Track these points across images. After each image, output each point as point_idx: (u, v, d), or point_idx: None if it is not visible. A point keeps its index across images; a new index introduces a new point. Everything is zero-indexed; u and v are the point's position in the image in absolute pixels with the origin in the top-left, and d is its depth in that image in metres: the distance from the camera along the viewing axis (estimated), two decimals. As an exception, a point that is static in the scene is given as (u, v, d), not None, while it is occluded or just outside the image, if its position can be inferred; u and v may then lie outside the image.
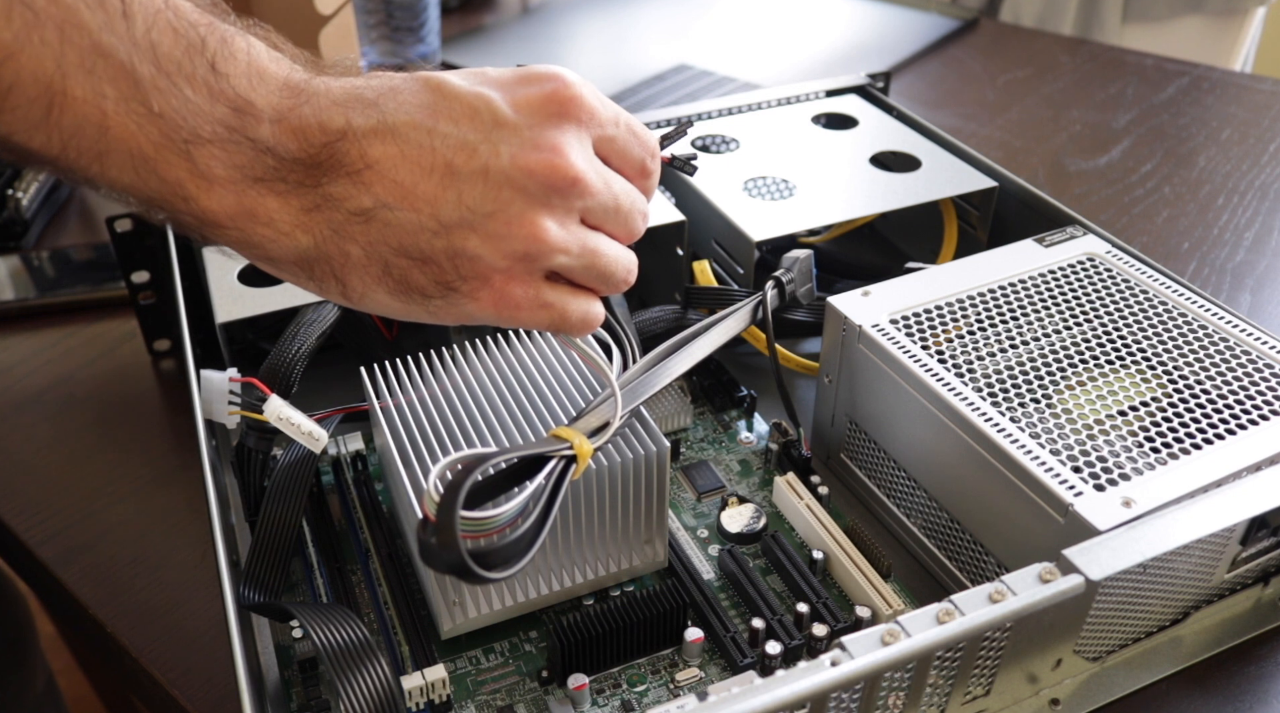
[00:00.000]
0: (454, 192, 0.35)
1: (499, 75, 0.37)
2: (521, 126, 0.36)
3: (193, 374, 0.47)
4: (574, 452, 0.39)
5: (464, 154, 0.35)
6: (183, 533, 0.53)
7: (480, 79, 0.37)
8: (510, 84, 0.37)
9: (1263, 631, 0.46)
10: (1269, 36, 1.51)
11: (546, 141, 0.36)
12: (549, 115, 0.36)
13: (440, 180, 0.35)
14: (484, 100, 0.36)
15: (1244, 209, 0.82)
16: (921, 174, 0.64)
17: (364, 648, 0.39)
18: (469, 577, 0.34)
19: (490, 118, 0.36)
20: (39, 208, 0.80)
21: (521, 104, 0.36)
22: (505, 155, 0.35)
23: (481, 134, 0.36)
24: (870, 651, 0.35)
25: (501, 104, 0.36)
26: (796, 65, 1.08)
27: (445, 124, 0.35)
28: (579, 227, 0.38)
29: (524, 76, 0.37)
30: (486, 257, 0.36)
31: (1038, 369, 0.48)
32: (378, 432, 0.49)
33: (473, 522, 0.35)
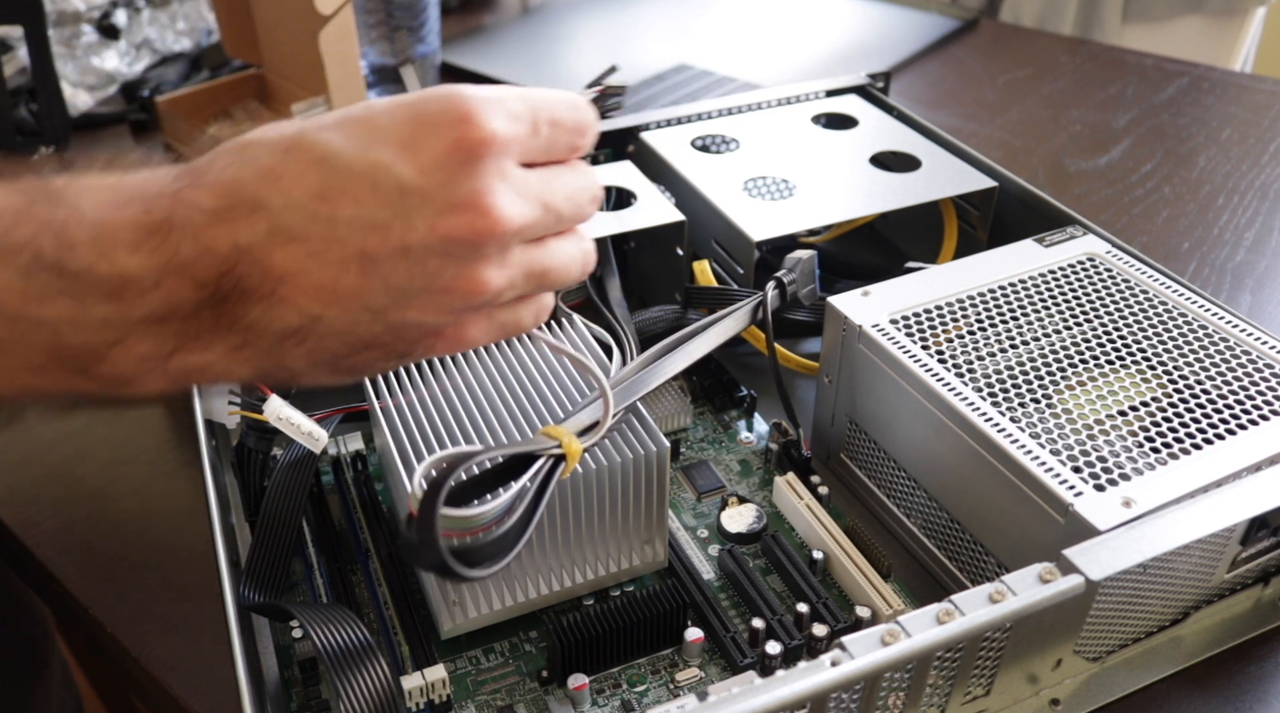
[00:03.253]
0: (378, 278, 0.32)
1: (388, 121, 0.32)
2: (430, 188, 0.31)
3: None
4: (563, 451, 0.39)
5: (376, 236, 0.31)
6: (183, 533, 0.53)
7: (367, 133, 0.32)
8: (405, 135, 0.31)
9: (1263, 631, 0.46)
10: (1269, 36, 1.51)
11: (463, 197, 0.31)
12: (458, 165, 0.31)
13: (359, 270, 0.32)
14: (381, 169, 0.31)
15: (1244, 209, 0.82)
16: (921, 174, 0.64)
17: (364, 648, 0.39)
18: (450, 575, 0.34)
19: (394, 188, 0.31)
20: (39, 208, 0.80)
21: (426, 163, 0.31)
22: (421, 227, 0.31)
23: (389, 209, 0.31)
24: (870, 651, 0.35)
25: (402, 169, 0.31)
26: (796, 65, 1.08)
27: (345, 207, 0.31)
28: (521, 254, 0.35)
29: (418, 120, 0.32)
30: (431, 320, 0.34)
31: (1038, 369, 0.48)
32: (378, 432, 0.49)
33: (456, 520, 0.35)
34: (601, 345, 0.50)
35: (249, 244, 0.31)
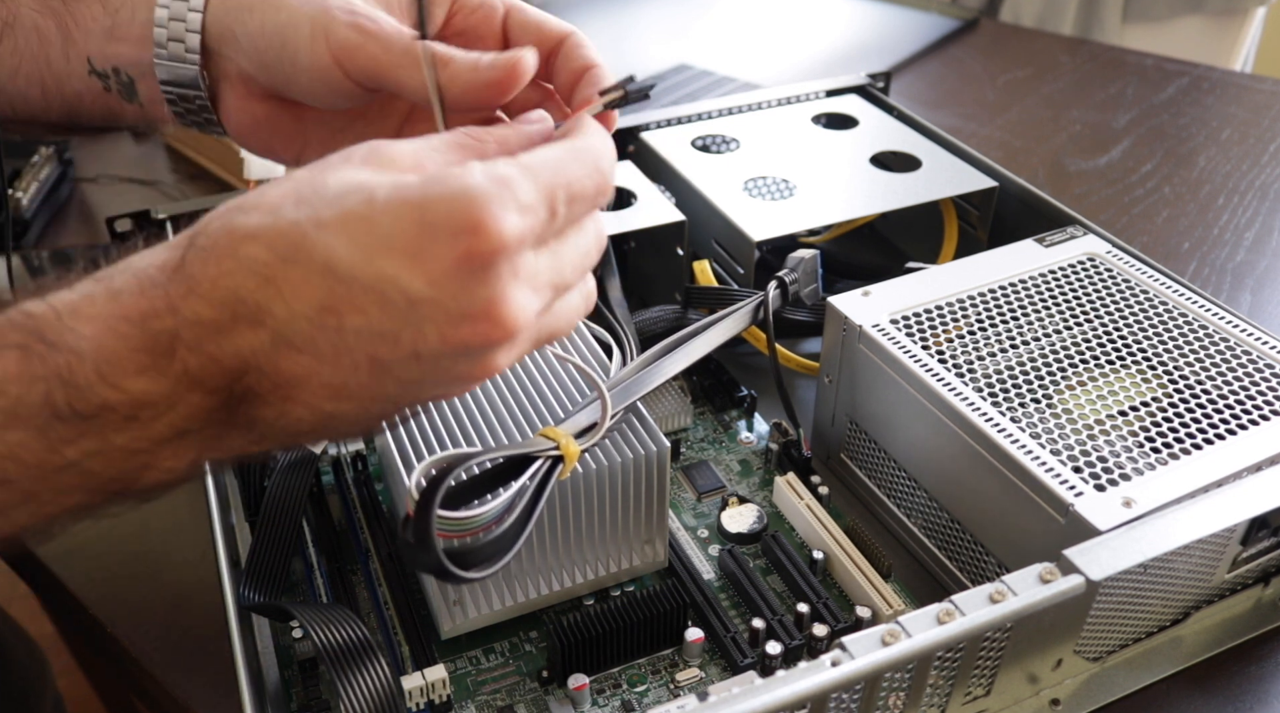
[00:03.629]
0: (390, 377, 0.31)
1: (393, 225, 0.29)
2: (442, 299, 0.29)
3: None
4: (560, 452, 0.39)
5: (386, 345, 0.30)
6: (183, 533, 0.53)
7: (372, 240, 0.29)
8: (412, 244, 0.29)
9: (1263, 631, 0.46)
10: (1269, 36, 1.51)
11: (476, 308, 0.30)
12: (469, 275, 0.29)
13: (371, 372, 0.31)
14: (388, 282, 0.29)
15: (1244, 209, 0.82)
16: (921, 174, 0.64)
17: (364, 648, 0.39)
18: (446, 576, 0.34)
19: (403, 301, 0.29)
20: (39, 208, 0.80)
21: (436, 275, 0.29)
22: (433, 336, 0.30)
23: (399, 321, 0.30)
24: (870, 651, 0.35)
25: (411, 282, 0.29)
26: (796, 65, 1.08)
27: (353, 319, 0.30)
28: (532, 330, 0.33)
29: (424, 226, 0.29)
30: (444, 393, 0.33)
31: (1038, 369, 0.48)
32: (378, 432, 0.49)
33: (453, 521, 0.35)
34: (601, 345, 0.50)
35: (254, 354, 0.30)
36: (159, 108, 0.44)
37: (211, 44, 0.42)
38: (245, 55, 0.41)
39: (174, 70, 0.42)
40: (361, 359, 0.30)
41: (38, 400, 0.28)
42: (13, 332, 0.29)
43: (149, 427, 0.30)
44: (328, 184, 0.31)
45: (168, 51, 0.41)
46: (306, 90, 0.41)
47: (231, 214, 0.31)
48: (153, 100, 0.43)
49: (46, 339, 0.29)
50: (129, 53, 0.42)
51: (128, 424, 0.29)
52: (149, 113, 0.44)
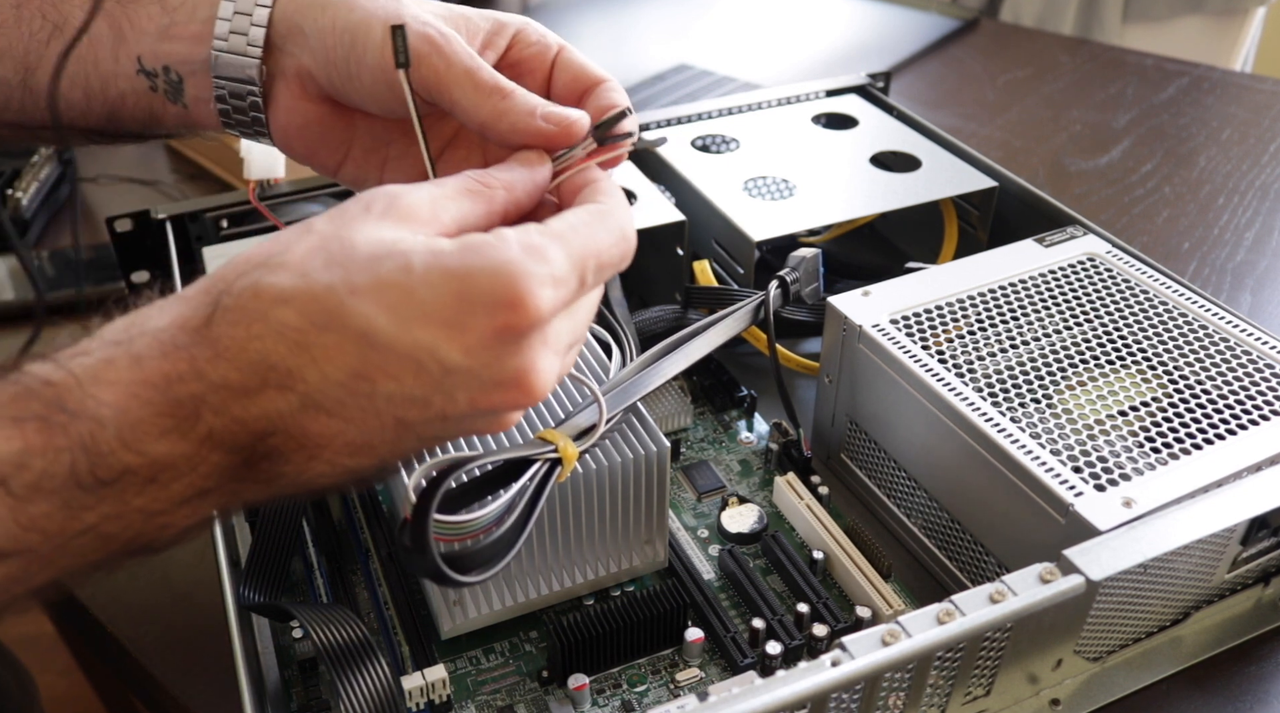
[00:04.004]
0: (413, 435, 0.32)
1: (431, 297, 0.30)
2: (476, 368, 0.30)
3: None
4: (559, 455, 0.39)
5: (415, 409, 0.31)
6: (183, 533, 0.53)
7: (409, 309, 0.30)
8: (450, 315, 0.30)
9: (1263, 631, 0.46)
10: (1269, 36, 1.51)
11: (507, 376, 0.31)
12: (503, 346, 0.30)
13: (395, 431, 0.31)
14: (424, 351, 0.30)
15: (1244, 209, 0.82)
16: (921, 174, 0.64)
17: (364, 648, 0.39)
18: (444, 580, 0.34)
19: (438, 370, 0.30)
20: (39, 208, 0.80)
21: (472, 345, 0.30)
22: (463, 401, 0.31)
23: (431, 387, 0.30)
24: (871, 651, 0.35)
25: (447, 352, 0.30)
26: (796, 65, 1.08)
27: (386, 385, 0.30)
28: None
29: (464, 299, 0.30)
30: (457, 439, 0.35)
31: (1038, 369, 0.48)
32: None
33: (450, 525, 0.35)
34: (601, 345, 0.50)
35: (281, 417, 0.30)
36: (203, 108, 0.44)
37: (276, 39, 0.42)
38: (310, 52, 0.41)
39: (231, 64, 0.42)
40: (389, 421, 0.31)
41: (63, 472, 0.28)
42: (33, 402, 0.28)
43: (168, 488, 0.29)
44: (356, 244, 0.31)
45: (228, 44, 0.42)
46: (367, 91, 0.41)
47: (258, 272, 0.30)
48: (197, 100, 0.43)
49: (68, 409, 0.28)
50: (183, 50, 0.43)
51: (147, 486, 0.29)
52: (191, 115, 0.44)
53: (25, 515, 0.27)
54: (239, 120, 0.44)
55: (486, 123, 0.39)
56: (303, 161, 0.45)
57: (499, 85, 0.39)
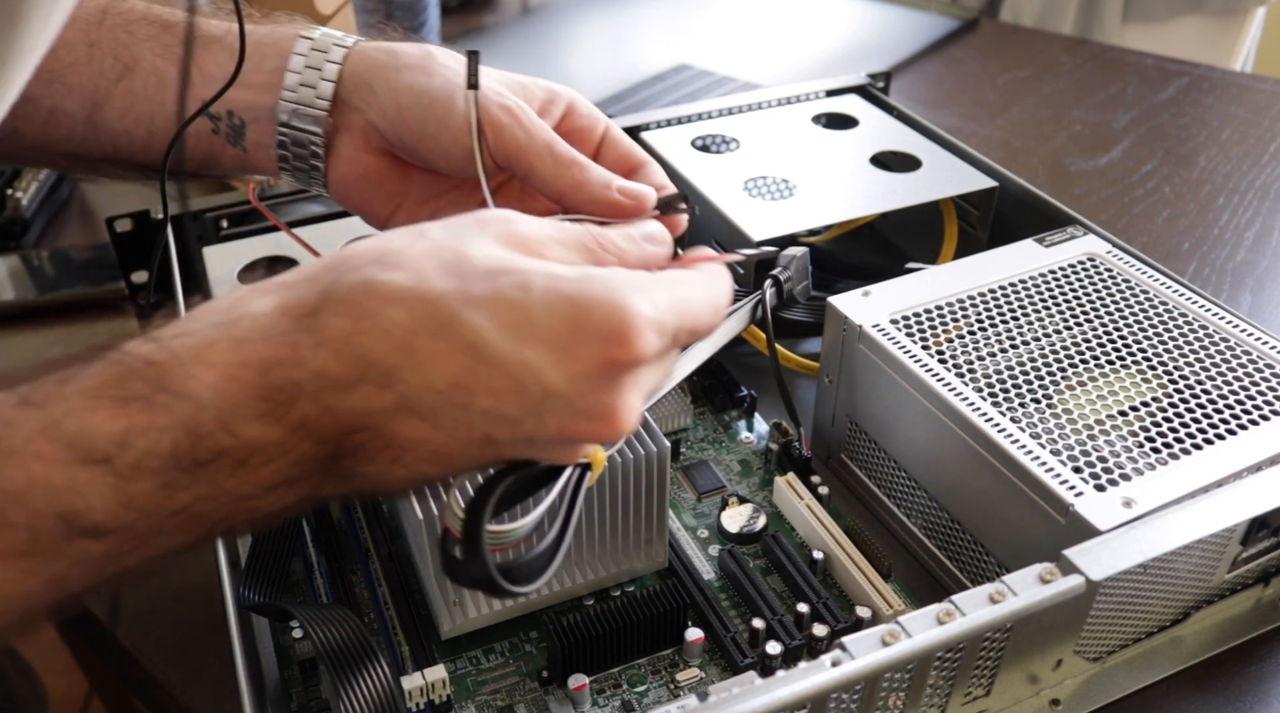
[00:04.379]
0: (494, 452, 0.32)
1: (546, 318, 0.30)
2: (572, 396, 0.31)
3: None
4: (588, 460, 0.39)
5: (506, 427, 0.31)
6: (183, 533, 0.53)
7: (522, 327, 0.30)
8: (561, 340, 0.30)
9: (1263, 631, 0.46)
10: (1269, 36, 1.51)
11: (599, 409, 0.31)
12: (603, 379, 0.31)
13: (480, 446, 0.32)
14: (529, 372, 0.30)
15: (1244, 209, 0.82)
16: (921, 174, 0.64)
17: (364, 648, 0.39)
18: (497, 591, 0.34)
19: (538, 392, 0.30)
20: (39, 208, 0.80)
21: (575, 373, 0.30)
22: (553, 426, 0.31)
23: (526, 408, 0.31)
24: (871, 651, 0.35)
25: (551, 375, 0.30)
26: (796, 65, 1.08)
27: (484, 400, 0.30)
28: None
29: (578, 326, 0.30)
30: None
31: (1038, 369, 0.48)
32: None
33: (497, 535, 0.35)
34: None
35: (373, 415, 0.30)
36: (262, 153, 0.45)
37: (343, 94, 0.44)
38: (380, 110, 0.43)
39: (297, 115, 0.44)
40: (477, 435, 0.31)
41: (164, 451, 0.28)
42: (136, 382, 0.28)
43: (257, 472, 0.30)
44: (472, 257, 0.31)
45: (296, 95, 0.43)
46: (440, 152, 0.43)
47: (372, 269, 0.31)
48: (257, 146, 0.45)
49: (170, 388, 0.28)
50: (249, 97, 0.44)
51: (237, 469, 0.29)
52: (249, 159, 0.46)
53: (126, 494, 0.28)
54: (296, 168, 0.45)
55: (564, 193, 0.41)
56: (356, 210, 0.46)
57: (576, 159, 0.41)
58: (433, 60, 0.43)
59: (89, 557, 0.28)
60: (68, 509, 0.27)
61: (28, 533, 0.27)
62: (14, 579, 0.27)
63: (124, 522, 0.28)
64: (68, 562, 0.28)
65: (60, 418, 0.27)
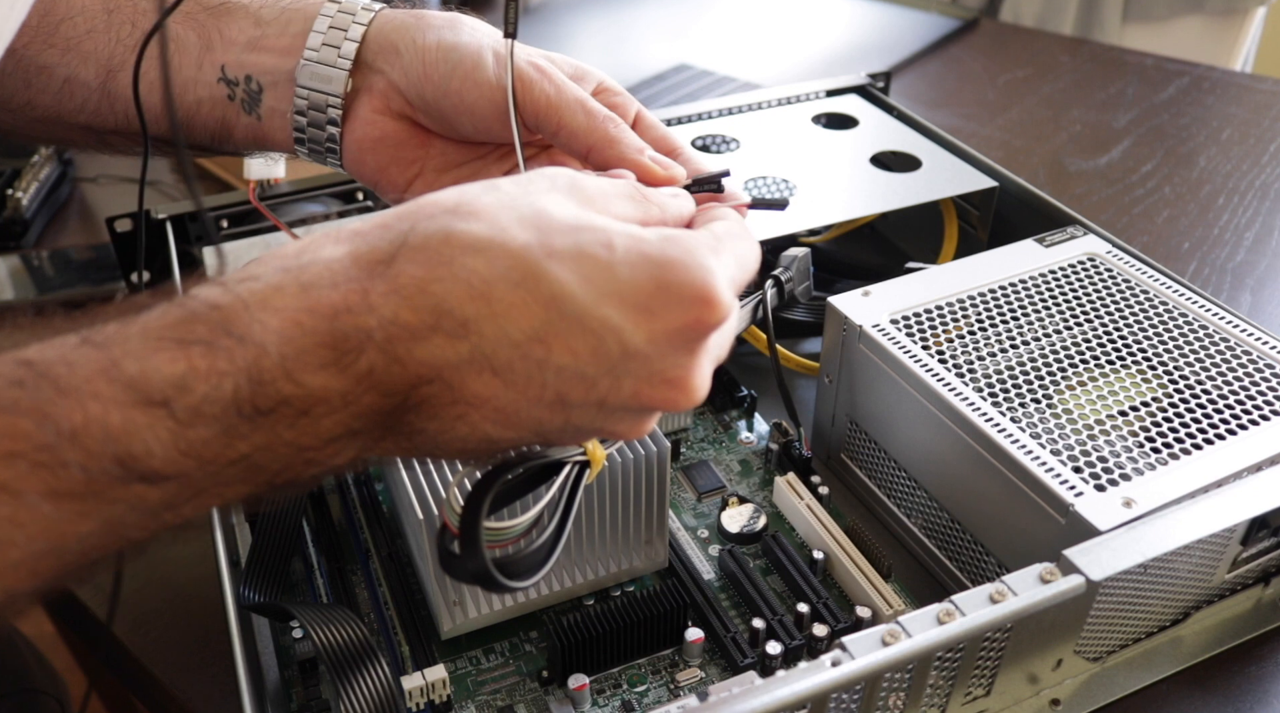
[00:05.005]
0: (562, 417, 0.31)
1: (630, 276, 0.29)
2: (651, 356, 0.30)
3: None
4: (587, 457, 0.39)
5: (580, 387, 0.30)
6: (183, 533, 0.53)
7: (606, 284, 0.29)
8: (645, 298, 0.30)
9: (1263, 631, 0.46)
10: (1269, 36, 1.51)
11: (675, 373, 0.31)
12: (684, 341, 0.31)
13: (550, 408, 0.31)
14: (610, 330, 0.29)
15: (1244, 209, 0.82)
16: (921, 174, 0.64)
17: (364, 648, 0.39)
18: (493, 586, 0.34)
19: (617, 351, 0.30)
20: (39, 208, 0.80)
21: (656, 333, 0.30)
22: (626, 390, 0.31)
23: (603, 368, 0.30)
24: (871, 651, 0.35)
25: (632, 335, 0.30)
26: (796, 65, 1.08)
27: (561, 355, 0.29)
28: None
29: (663, 287, 0.30)
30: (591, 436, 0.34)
31: (1038, 369, 0.48)
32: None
33: (494, 531, 0.35)
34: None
35: (445, 366, 0.29)
36: (277, 121, 0.44)
37: (366, 55, 0.43)
38: (403, 70, 0.42)
39: (318, 75, 0.43)
40: (550, 395, 0.30)
41: (225, 398, 0.27)
42: (199, 325, 0.28)
43: (319, 423, 0.29)
44: (550, 212, 0.31)
45: (319, 55, 0.43)
46: (467, 110, 0.42)
47: (448, 218, 0.30)
48: (273, 113, 0.44)
49: (234, 333, 0.28)
50: (269, 61, 0.44)
51: (299, 419, 0.28)
52: (263, 128, 0.45)
53: (184, 440, 0.27)
54: (312, 135, 0.44)
55: (597, 147, 0.40)
56: (371, 180, 0.45)
57: (610, 114, 0.41)
58: (460, 22, 0.42)
59: (145, 503, 0.27)
60: (124, 452, 0.26)
61: (82, 473, 0.26)
62: (69, 520, 0.26)
63: (181, 469, 0.27)
64: (123, 506, 0.27)
65: (120, 359, 0.27)
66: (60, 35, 0.45)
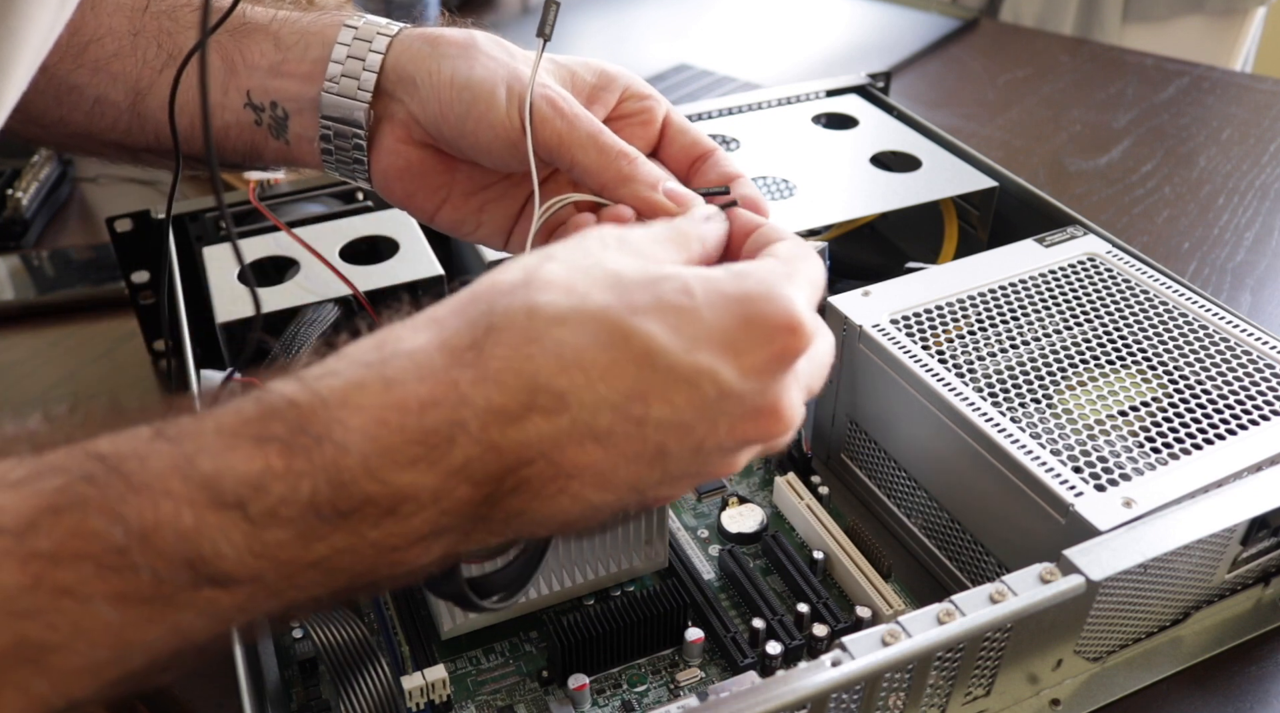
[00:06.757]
0: (661, 469, 0.30)
1: (715, 319, 0.29)
2: (745, 393, 0.30)
3: (193, 374, 0.47)
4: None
5: (678, 436, 0.29)
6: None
7: (694, 331, 0.29)
8: (733, 337, 0.29)
9: (1263, 631, 0.46)
10: (1269, 36, 1.51)
11: (768, 404, 0.31)
12: (775, 371, 0.30)
13: (649, 465, 0.30)
14: (705, 375, 0.29)
15: (1244, 209, 0.82)
16: (921, 174, 0.64)
17: (364, 648, 0.39)
18: (468, 605, 0.34)
19: (714, 394, 0.29)
20: (39, 208, 0.80)
21: (748, 368, 0.30)
22: (723, 429, 0.30)
23: (699, 412, 0.29)
24: (871, 651, 0.35)
25: (726, 375, 0.29)
26: (796, 65, 1.08)
27: (659, 409, 0.29)
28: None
29: (749, 322, 0.30)
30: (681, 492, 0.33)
31: (1038, 369, 0.48)
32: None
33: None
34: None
35: (543, 442, 0.28)
36: (305, 146, 0.44)
37: (386, 85, 0.42)
38: (421, 101, 0.42)
39: (339, 106, 0.42)
40: (650, 449, 0.29)
41: (302, 499, 0.26)
42: (275, 422, 0.27)
43: (407, 522, 0.27)
44: (617, 270, 0.30)
45: (339, 86, 0.42)
46: (482, 144, 0.41)
47: (525, 292, 0.29)
48: (300, 138, 0.44)
49: (312, 432, 0.27)
50: (292, 88, 0.43)
51: (383, 519, 0.27)
52: (292, 151, 0.45)
53: (259, 543, 0.26)
54: (340, 160, 0.44)
55: (609, 185, 0.40)
56: (400, 205, 0.45)
57: (624, 150, 0.40)
58: (476, 48, 0.42)
59: (215, 608, 0.26)
60: (195, 554, 0.25)
61: (151, 577, 0.25)
62: (135, 625, 0.25)
63: (254, 572, 0.26)
64: (192, 611, 0.26)
65: (194, 455, 0.26)
66: (89, 56, 0.45)
